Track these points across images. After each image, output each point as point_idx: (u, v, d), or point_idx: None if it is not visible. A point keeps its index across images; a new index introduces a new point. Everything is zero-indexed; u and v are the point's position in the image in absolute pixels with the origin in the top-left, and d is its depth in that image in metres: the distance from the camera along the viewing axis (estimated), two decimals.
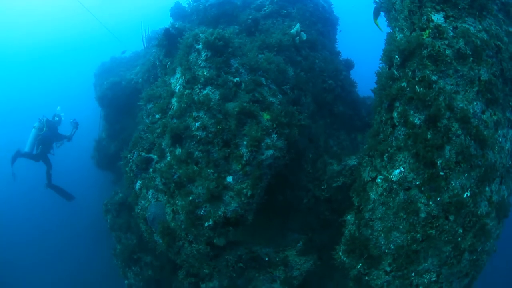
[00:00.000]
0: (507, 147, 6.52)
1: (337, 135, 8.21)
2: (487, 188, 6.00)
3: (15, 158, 12.13)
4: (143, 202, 7.50)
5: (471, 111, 6.02)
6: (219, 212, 6.35)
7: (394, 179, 5.93)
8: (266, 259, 7.10)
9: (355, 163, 7.30)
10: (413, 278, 5.83)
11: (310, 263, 7.16)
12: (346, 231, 6.57)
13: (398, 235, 5.84)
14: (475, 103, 6.13)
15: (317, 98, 8.17)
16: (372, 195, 6.19)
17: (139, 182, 7.62)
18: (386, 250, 5.93)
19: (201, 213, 6.45)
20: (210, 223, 6.34)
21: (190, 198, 6.50)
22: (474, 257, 5.93)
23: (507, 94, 6.65)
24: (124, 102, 10.61)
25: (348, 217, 6.64)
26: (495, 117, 6.24)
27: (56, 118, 12.40)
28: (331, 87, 8.30)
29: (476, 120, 5.99)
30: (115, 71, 12.12)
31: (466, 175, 5.74)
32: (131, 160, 7.80)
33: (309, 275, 7.43)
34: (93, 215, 13.55)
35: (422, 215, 5.68)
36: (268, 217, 7.75)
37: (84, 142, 13.54)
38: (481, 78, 6.14)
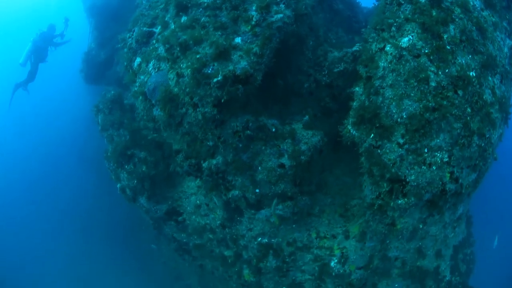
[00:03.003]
0: (505, 51, 6.75)
1: (336, 31, 8.37)
2: (489, 78, 6.18)
3: (15, 88, 13.12)
4: (142, 77, 7.24)
5: (471, 3, 6.32)
6: (229, 68, 6.26)
7: (404, 45, 5.98)
8: (273, 130, 6.99)
9: (357, 49, 7.37)
10: (426, 154, 5.78)
11: (318, 138, 7.07)
12: (354, 103, 6.42)
13: (410, 103, 5.79)
14: None
15: None
16: (381, 63, 6.16)
17: (138, 59, 7.37)
18: (399, 120, 5.84)
19: (209, 71, 6.32)
20: (219, 78, 6.21)
21: (198, 56, 6.38)
22: (483, 144, 6.01)
23: (504, 7, 7.01)
24: (116, 7, 10.26)
25: (357, 88, 6.52)
26: (493, 19, 6.47)
27: (52, 30, 12.46)
28: None
29: (476, 12, 6.23)
30: None
31: (470, 56, 5.95)
32: (130, 39, 7.53)
33: (313, 159, 7.26)
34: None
35: (433, 84, 5.74)
36: (268, 105, 7.71)
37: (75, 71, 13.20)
38: None
